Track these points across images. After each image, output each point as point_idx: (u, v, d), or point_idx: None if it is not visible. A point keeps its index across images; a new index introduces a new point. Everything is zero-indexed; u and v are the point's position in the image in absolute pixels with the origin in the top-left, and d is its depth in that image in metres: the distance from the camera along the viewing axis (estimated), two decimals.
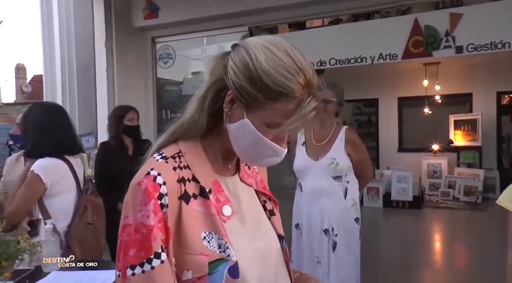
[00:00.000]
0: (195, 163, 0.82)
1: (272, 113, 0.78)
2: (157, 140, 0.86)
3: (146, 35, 3.70)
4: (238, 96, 0.77)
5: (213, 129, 0.83)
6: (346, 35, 5.25)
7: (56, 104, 2.56)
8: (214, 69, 0.81)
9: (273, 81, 0.75)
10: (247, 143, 0.81)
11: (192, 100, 0.84)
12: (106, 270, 2.00)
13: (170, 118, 3.82)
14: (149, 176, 0.75)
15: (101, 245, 2.38)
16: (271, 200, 0.97)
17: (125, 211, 0.75)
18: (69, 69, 3.75)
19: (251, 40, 0.80)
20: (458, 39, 4.84)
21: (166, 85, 3.90)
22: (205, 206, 0.79)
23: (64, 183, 2.24)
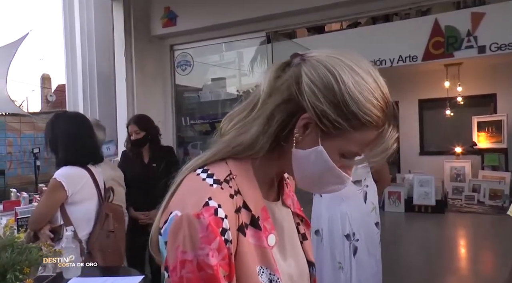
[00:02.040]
0: (245, 188, 0.73)
1: (350, 142, 0.72)
2: (203, 155, 0.77)
3: (165, 43, 3.74)
4: (318, 122, 0.69)
5: (270, 151, 0.74)
6: (365, 38, 5.22)
7: (79, 114, 2.62)
8: (277, 84, 0.72)
9: (361, 109, 0.68)
10: (314, 171, 0.74)
11: (240, 112, 0.75)
12: (126, 277, 2.02)
13: (189, 125, 3.84)
14: (209, 208, 0.66)
15: (122, 252, 2.41)
16: (303, 222, 0.89)
17: (182, 245, 0.65)
18: (90, 78, 3.83)
19: (326, 55, 0.71)
20: (480, 39, 4.74)
21: (184, 92, 3.93)
22: (257, 237, 0.72)
23: (86, 191, 2.29)
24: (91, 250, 2.27)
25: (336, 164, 0.73)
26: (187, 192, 0.71)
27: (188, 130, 3.88)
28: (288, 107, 0.71)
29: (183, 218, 0.66)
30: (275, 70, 0.74)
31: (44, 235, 2.20)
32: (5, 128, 9.48)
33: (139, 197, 2.98)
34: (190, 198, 0.69)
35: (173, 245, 0.66)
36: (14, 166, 9.64)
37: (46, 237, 2.19)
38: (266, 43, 3.38)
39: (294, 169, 0.75)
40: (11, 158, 9.60)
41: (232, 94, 3.93)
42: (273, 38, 3.36)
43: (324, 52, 0.72)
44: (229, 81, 3.97)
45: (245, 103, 0.77)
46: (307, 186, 0.79)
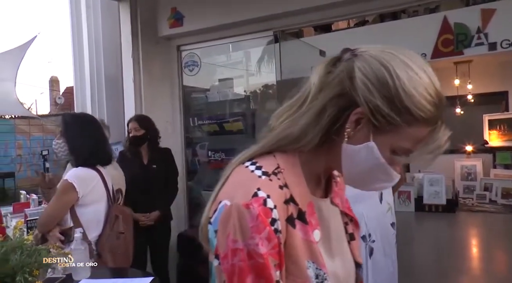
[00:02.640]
0: (292, 182, 0.74)
1: (402, 138, 0.71)
2: (251, 148, 0.78)
3: (172, 44, 3.74)
4: (370, 117, 0.70)
5: (318, 146, 0.74)
6: (373, 37, 5.17)
7: (90, 115, 2.62)
8: (328, 79, 0.73)
9: (415, 104, 0.68)
10: (364, 167, 0.74)
11: (287, 107, 0.76)
12: (133, 279, 2.01)
13: (197, 125, 3.83)
14: (258, 198, 0.68)
15: (130, 253, 2.40)
16: (352, 221, 0.89)
17: (233, 234, 0.67)
18: (97, 80, 3.84)
19: (379, 50, 0.71)
20: (491, 35, 4.67)
21: (192, 92, 3.92)
22: (304, 231, 0.73)
23: (96, 193, 2.29)
24: (100, 252, 2.26)
25: (386, 160, 0.72)
26: (236, 183, 0.73)
27: (196, 131, 3.87)
28: (340, 101, 0.71)
29: (233, 208, 0.68)
30: (326, 66, 0.74)
31: (54, 237, 2.20)
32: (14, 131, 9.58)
33: (139, 198, 2.97)
34: (239, 189, 0.70)
35: (223, 234, 0.68)
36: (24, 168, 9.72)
37: (56, 239, 2.19)
38: (274, 42, 3.36)
39: (343, 164, 0.75)
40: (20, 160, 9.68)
41: (239, 94, 3.92)
42: (281, 37, 3.34)
43: (377, 47, 0.72)
44: (236, 81, 3.95)
45: (293, 100, 0.77)
46: (354, 183, 0.79)
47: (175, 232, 3.44)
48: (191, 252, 3.28)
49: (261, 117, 4.12)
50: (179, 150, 3.73)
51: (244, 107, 3.75)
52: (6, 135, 9.28)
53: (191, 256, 3.28)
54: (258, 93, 4.07)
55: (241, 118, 3.58)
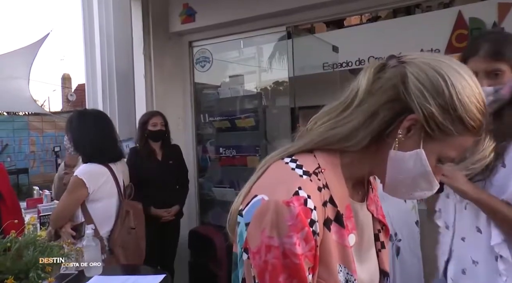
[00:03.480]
0: (333, 183, 0.74)
1: (450, 147, 0.72)
2: (290, 145, 0.78)
3: (183, 40, 3.72)
4: (424, 124, 0.70)
5: (364, 148, 0.74)
6: (385, 32, 5.08)
7: (102, 112, 2.62)
8: (379, 84, 0.73)
9: (467, 113, 0.69)
10: (409, 175, 0.74)
11: (337, 108, 0.76)
12: (146, 276, 2.00)
13: (208, 122, 3.82)
14: (299, 197, 0.67)
15: (142, 249, 2.41)
16: (383, 229, 0.88)
17: (269, 231, 0.66)
18: (109, 77, 3.84)
19: (430, 58, 0.72)
20: (508, 30, 4.57)
21: (203, 89, 3.91)
22: (339, 234, 0.72)
23: (107, 189, 2.29)
24: (112, 247, 2.27)
25: (431, 169, 0.72)
26: (275, 178, 0.72)
27: (207, 128, 3.86)
28: (394, 106, 0.71)
29: (271, 204, 0.66)
30: (374, 72, 0.75)
31: (66, 233, 2.21)
32: (28, 128, 9.69)
33: (158, 195, 2.97)
34: (279, 185, 0.69)
35: (257, 228, 0.66)
36: (37, 164, 9.84)
37: (68, 235, 2.20)
38: (287, 38, 3.32)
39: (388, 170, 0.74)
40: (34, 157, 9.79)
41: (251, 90, 3.89)
42: (294, 33, 3.30)
43: (425, 54, 0.73)
44: (248, 77, 3.92)
45: (336, 104, 0.77)
46: (395, 190, 0.78)
47: (186, 229, 3.43)
48: (203, 249, 3.27)
49: (273, 113, 4.10)
50: (190, 146, 3.72)
51: (256, 104, 3.72)
52: (20, 132, 9.39)
53: (203, 253, 3.27)
54: (270, 89, 4.04)
55: (253, 115, 3.56)
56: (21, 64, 5.13)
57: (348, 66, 5.03)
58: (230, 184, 3.60)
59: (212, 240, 3.19)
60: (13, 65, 4.99)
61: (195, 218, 3.71)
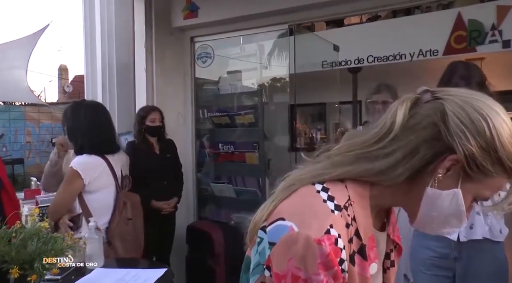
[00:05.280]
0: (360, 215, 0.74)
1: (486, 187, 0.73)
2: (322, 169, 0.77)
3: (185, 35, 3.72)
4: (466, 166, 0.70)
5: (398, 183, 0.74)
6: (385, 32, 5.12)
7: (99, 103, 2.62)
8: (416, 120, 0.73)
9: (507, 155, 0.70)
10: (443, 213, 0.74)
11: (381, 142, 0.74)
12: (148, 269, 2.02)
13: (207, 117, 3.83)
14: (330, 236, 0.67)
15: (141, 242, 2.42)
16: (396, 248, 0.89)
17: (296, 261, 0.66)
18: (109, 69, 3.83)
19: (469, 96, 0.72)
20: (505, 33, 4.60)
21: (204, 84, 3.91)
22: (361, 266, 0.73)
23: (103, 180, 2.29)
24: (110, 239, 2.28)
25: (465, 207, 0.72)
26: (306, 208, 0.71)
27: (207, 123, 3.87)
28: (435, 144, 0.71)
29: (302, 237, 0.66)
30: (409, 106, 0.75)
31: (64, 225, 2.22)
32: (24, 118, 9.62)
33: (158, 187, 3.00)
34: (311, 219, 0.69)
35: (284, 255, 0.67)
36: (33, 155, 9.78)
37: (66, 227, 2.20)
38: (288, 35, 3.34)
39: (422, 206, 0.74)
40: (29, 147, 9.74)
41: (252, 87, 3.91)
42: (296, 31, 3.31)
43: (460, 91, 0.73)
44: (249, 74, 3.94)
45: (367, 136, 0.77)
46: (424, 225, 0.79)
47: (184, 224, 3.45)
48: (200, 244, 3.29)
49: (272, 110, 4.12)
50: (189, 141, 3.73)
51: (256, 100, 3.74)
52: (16, 122, 9.32)
53: (200, 248, 3.29)
54: (269, 86, 4.05)
55: (253, 111, 3.57)
56: (20, 54, 5.08)
57: (348, 65, 5.07)
58: (228, 180, 3.62)
59: (209, 235, 3.22)
60: (12, 55, 4.94)
61: (193, 213, 3.73)
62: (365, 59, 5.04)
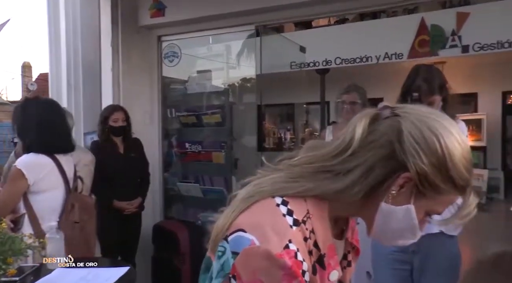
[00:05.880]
0: (318, 227, 0.76)
1: (439, 203, 0.76)
2: (282, 183, 0.78)
3: (152, 34, 3.70)
4: (418, 183, 0.73)
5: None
6: (352, 35, 5.22)
7: (52, 100, 2.53)
8: (373, 137, 0.75)
9: (458, 174, 0.73)
10: (396, 227, 0.78)
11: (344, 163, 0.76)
12: (110, 268, 2.01)
13: (175, 117, 3.82)
14: (289, 250, 0.70)
15: (91, 245, 2.31)
16: (354, 250, 0.92)
17: (260, 274, 0.69)
18: (74, 67, 3.75)
19: (424, 115, 0.74)
20: (464, 38, 4.78)
21: (171, 84, 3.90)
22: (320, 275, 0.76)
23: (50, 180, 2.17)
24: None
25: (418, 221, 0.76)
26: (266, 223, 0.73)
27: (174, 122, 3.86)
28: (390, 163, 0.74)
29: (263, 252, 0.69)
30: (368, 122, 0.76)
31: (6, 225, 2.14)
32: None
33: (122, 187, 2.98)
34: (271, 234, 0.71)
35: (248, 267, 0.70)
36: None
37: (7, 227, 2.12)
38: (255, 36, 3.37)
39: (377, 220, 0.78)
40: None
41: (219, 86, 3.92)
42: (262, 32, 3.35)
43: (419, 109, 0.76)
44: (216, 73, 3.95)
45: (329, 148, 0.79)
46: (380, 237, 0.83)
47: (150, 224, 3.43)
48: (167, 244, 3.28)
49: (240, 110, 4.15)
50: (156, 141, 3.71)
51: (223, 100, 3.76)
52: None
53: (166, 248, 3.28)
54: (237, 86, 4.08)
55: (220, 111, 3.59)
56: None
57: (315, 66, 5.14)
58: (195, 179, 3.63)
59: (176, 234, 3.21)
60: None
61: (160, 212, 3.71)
62: (333, 61, 5.12)
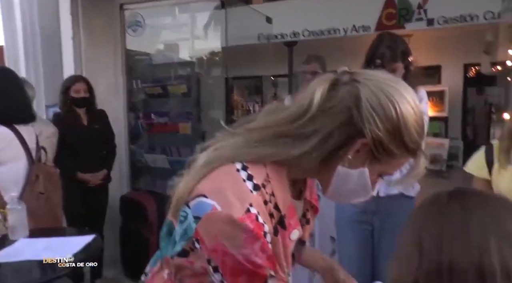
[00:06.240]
0: (278, 190, 0.79)
1: (391, 166, 0.80)
2: (242, 148, 0.80)
3: (114, 2, 3.57)
4: (373, 148, 0.75)
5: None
6: (320, 7, 5.24)
7: (4, 68, 2.44)
8: (332, 103, 0.76)
9: (412, 140, 0.76)
10: (351, 188, 0.81)
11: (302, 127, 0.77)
12: (75, 237, 2.01)
13: (140, 88, 3.76)
14: (250, 214, 0.72)
15: (58, 216, 2.31)
16: (312, 209, 0.96)
17: (222, 239, 0.71)
18: (32, 38, 3.60)
19: (382, 82, 0.76)
20: (430, 12, 4.91)
21: (135, 54, 3.82)
22: (282, 235, 0.79)
23: (10, 151, 2.14)
24: None
25: (371, 182, 0.80)
26: (227, 188, 0.75)
27: (140, 94, 3.80)
28: (348, 129, 0.75)
29: (224, 217, 0.72)
30: (327, 88, 0.77)
31: None
32: None
33: (86, 159, 2.95)
34: (232, 199, 0.73)
35: (210, 232, 0.72)
36: None
37: None
38: (221, 8, 3.32)
39: (333, 183, 0.81)
40: None
41: (184, 57, 3.87)
42: (227, 3, 3.31)
43: (377, 74, 0.77)
44: (182, 44, 3.89)
45: (289, 111, 0.80)
46: (335, 197, 0.87)
47: (117, 195, 3.42)
48: (134, 215, 3.29)
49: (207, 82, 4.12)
50: (121, 112, 3.64)
51: (189, 71, 3.72)
52: None
53: (134, 219, 3.29)
54: (203, 57, 4.04)
55: (186, 82, 3.56)
56: None
57: (283, 39, 5.15)
58: (162, 150, 3.62)
59: (143, 205, 3.22)
60: None
61: (127, 184, 3.69)
62: (301, 33, 5.15)
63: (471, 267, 0.53)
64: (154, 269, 0.95)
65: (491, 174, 1.66)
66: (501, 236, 0.55)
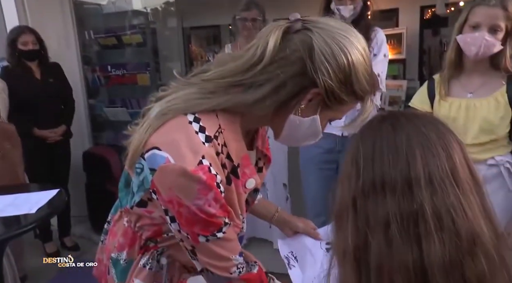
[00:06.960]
0: (231, 140, 0.80)
1: (340, 111, 0.83)
2: (194, 98, 0.80)
3: None
4: (325, 98, 0.77)
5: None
6: None
7: None
8: (285, 53, 0.76)
9: (361, 88, 0.78)
10: (303, 134, 0.84)
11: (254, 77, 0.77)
12: (39, 192, 1.99)
13: (93, 39, 3.59)
14: (203, 166, 0.74)
15: (19, 175, 2.27)
16: (265, 157, 0.99)
17: (176, 191, 0.74)
18: None
19: (334, 30, 0.76)
20: None
21: (84, 4, 3.61)
22: (235, 184, 0.82)
23: None
24: None
25: (322, 127, 0.83)
26: (179, 139, 0.76)
27: (93, 45, 3.63)
28: (301, 80, 0.77)
29: (178, 169, 0.73)
30: (279, 36, 0.76)
31: None
32: None
33: (42, 115, 2.84)
34: (184, 151, 0.74)
35: (165, 183, 0.74)
36: None
37: None
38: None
39: (285, 130, 0.84)
40: None
41: (137, 6, 3.69)
42: None
43: (328, 24, 0.77)
44: None
45: (242, 60, 0.79)
46: (288, 143, 0.92)
47: (79, 151, 3.36)
48: (98, 170, 3.26)
49: (163, 32, 3.98)
50: (75, 66, 3.48)
51: (143, 20, 3.57)
52: None
53: (99, 174, 3.26)
54: (157, 8, 3.89)
55: (140, 31, 3.42)
56: None
57: None
58: (122, 103, 3.53)
59: (106, 159, 3.18)
60: None
61: (88, 139, 3.62)
62: None
63: (400, 177, 0.57)
64: (115, 217, 0.99)
65: (433, 107, 1.78)
66: (424, 146, 0.59)
